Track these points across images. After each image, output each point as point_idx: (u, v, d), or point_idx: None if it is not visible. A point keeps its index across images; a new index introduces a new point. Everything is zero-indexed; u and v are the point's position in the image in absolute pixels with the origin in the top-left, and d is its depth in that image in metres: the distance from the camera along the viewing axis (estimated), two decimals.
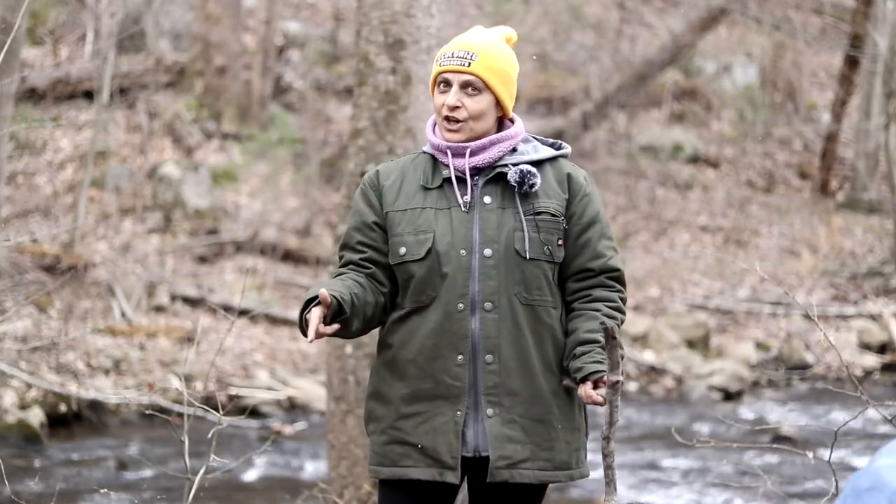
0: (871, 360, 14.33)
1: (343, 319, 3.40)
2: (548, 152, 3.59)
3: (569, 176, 3.56)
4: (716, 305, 15.49)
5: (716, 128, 19.99)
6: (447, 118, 3.51)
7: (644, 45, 20.35)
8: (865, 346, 14.68)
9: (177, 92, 17.34)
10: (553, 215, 3.50)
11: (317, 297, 3.33)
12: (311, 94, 17.77)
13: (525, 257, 3.46)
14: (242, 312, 11.40)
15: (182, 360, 12.19)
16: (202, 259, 14.99)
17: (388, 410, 3.53)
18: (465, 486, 3.63)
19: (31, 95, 16.02)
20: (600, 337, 3.42)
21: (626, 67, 19.29)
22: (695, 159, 19.35)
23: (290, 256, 15.32)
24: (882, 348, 14.75)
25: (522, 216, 3.47)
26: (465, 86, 3.50)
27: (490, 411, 3.46)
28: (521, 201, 3.48)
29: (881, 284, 16.36)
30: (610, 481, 3.29)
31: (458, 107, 3.49)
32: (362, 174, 6.13)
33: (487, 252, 3.45)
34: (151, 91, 17.05)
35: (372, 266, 3.53)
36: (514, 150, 3.55)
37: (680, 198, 18.56)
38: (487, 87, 3.50)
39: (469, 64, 3.49)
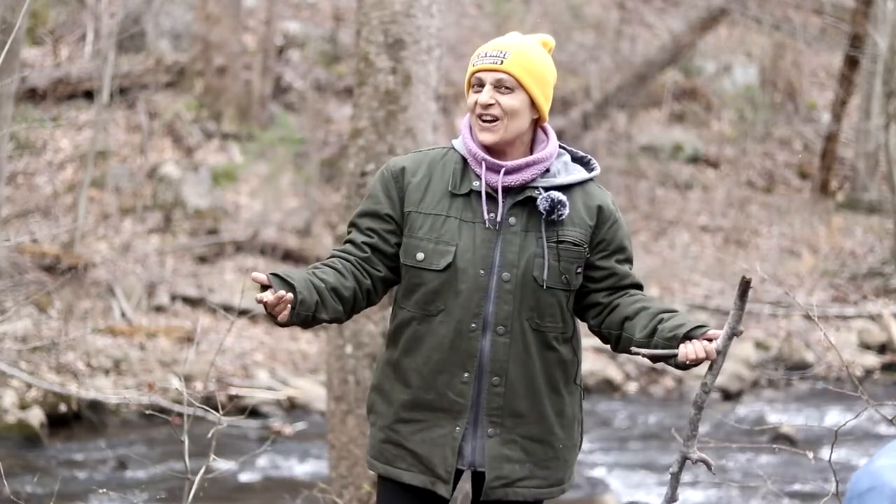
0: (871, 360, 14.33)
1: (303, 304, 3.35)
2: (579, 174, 3.54)
3: (599, 207, 3.52)
4: (716, 305, 15.47)
5: (716, 128, 19.97)
6: (480, 117, 3.47)
7: (644, 45, 20.33)
8: (865, 346, 14.68)
9: (177, 92, 17.33)
10: (575, 244, 3.47)
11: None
12: (311, 94, 17.76)
13: (542, 286, 3.44)
14: (242, 312, 11.39)
15: (182, 360, 12.18)
16: (202, 259, 14.98)
17: (388, 410, 3.54)
18: (468, 486, 3.64)
19: (31, 95, 16.00)
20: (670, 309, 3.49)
21: (626, 67, 19.28)
22: (695, 159, 19.34)
23: (290, 256, 15.30)
24: (882, 348, 14.74)
25: (545, 243, 3.44)
26: (497, 84, 3.46)
27: (491, 430, 3.46)
28: (546, 227, 3.45)
29: (881, 284, 16.35)
30: (695, 432, 3.36)
31: (491, 104, 3.45)
32: (362, 174, 6.13)
33: (506, 276, 3.42)
34: (151, 91, 17.04)
35: (369, 251, 3.52)
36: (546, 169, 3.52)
37: (680, 198, 18.55)
38: (521, 86, 3.46)
39: (501, 62, 3.45)
